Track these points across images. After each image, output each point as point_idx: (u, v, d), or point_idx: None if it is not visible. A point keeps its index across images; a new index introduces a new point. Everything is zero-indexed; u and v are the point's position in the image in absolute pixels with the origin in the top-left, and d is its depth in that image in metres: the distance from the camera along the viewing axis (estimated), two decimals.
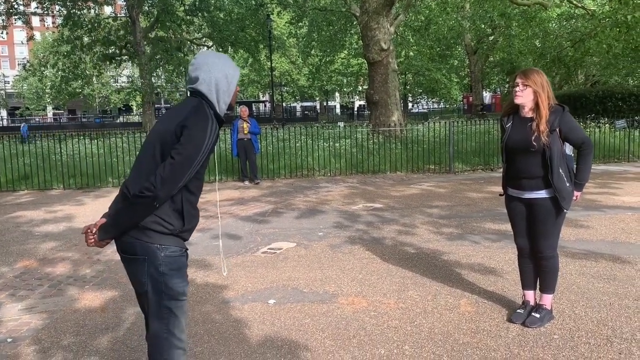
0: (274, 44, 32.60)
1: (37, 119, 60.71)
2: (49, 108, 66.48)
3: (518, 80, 3.54)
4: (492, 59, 34.92)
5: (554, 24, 25.35)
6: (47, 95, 57.81)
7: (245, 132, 11.27)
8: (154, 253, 2.26)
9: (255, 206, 8.66)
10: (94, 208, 8.89)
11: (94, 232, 2.31)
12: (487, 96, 48.56)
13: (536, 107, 3.51)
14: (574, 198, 3.60)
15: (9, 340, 3.71)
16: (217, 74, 2.36)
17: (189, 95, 2.44)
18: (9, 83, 70.65)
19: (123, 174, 12.00)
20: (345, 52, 34.77)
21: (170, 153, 2.20)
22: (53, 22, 29.95)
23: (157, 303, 2.32)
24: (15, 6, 25.18)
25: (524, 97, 3.52)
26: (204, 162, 2.29)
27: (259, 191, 10.32)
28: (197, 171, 2.27)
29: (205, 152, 2.24)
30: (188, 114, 2.27)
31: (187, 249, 2.42)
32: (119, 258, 2.42)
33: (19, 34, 60.97)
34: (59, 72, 28.36)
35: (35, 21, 29.99)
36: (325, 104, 65.89)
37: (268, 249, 5.98)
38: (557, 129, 3.49)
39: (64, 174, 11.72)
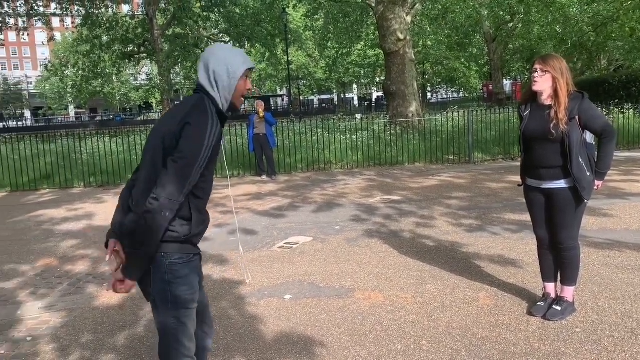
0: (290, 37, 32.56)
1: (59, 118, 61.78)
2: (71, 107, 67.61)
3: (537, 66, 3.44)
4: (511, 46, 34.36)
5: (574, 9, 24.79)
6: (68, 95, 58.91)
7: (261, 115, 11.23)
8: (158, 262, 2.14)
9: (272, 200, 8.65)
10: (115, 205, 8.96)
11: (119, 278, 2.16)
12: (507, 84, 47.85)
13: (555, 94, 3.41)
14: (595, 187, 3.49)
15: (28, 338, 3.75)
16: (217, 67, 2.19)
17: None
18: (31, 84, 72.09)
19: None
20: (362, 43, 34.56)
21: (171, 157, 2.07)
22: (72, 22, 30.29)
23: (164, 312, 2.21)
24: (36, 8, 25.55)
25: (542, 83, 3.42)
26: (209, 163, 2.13)
27: (276, 185, 10.31)
28: (202, 174, 2.12)
29: (207, 152, 2.08)
30: (187, 113, 2.11)
31: (198, 253, 2.28)
32: None
33: (40, 35, 61.96)
34: (80, 72, 28.76)
35: (55, 22, 30.35)
36: (342, 96, 65.66)
37: (284, 243, 5.96)
38: (577, 117, 3.38)
39: (84, 173, 11.87)
